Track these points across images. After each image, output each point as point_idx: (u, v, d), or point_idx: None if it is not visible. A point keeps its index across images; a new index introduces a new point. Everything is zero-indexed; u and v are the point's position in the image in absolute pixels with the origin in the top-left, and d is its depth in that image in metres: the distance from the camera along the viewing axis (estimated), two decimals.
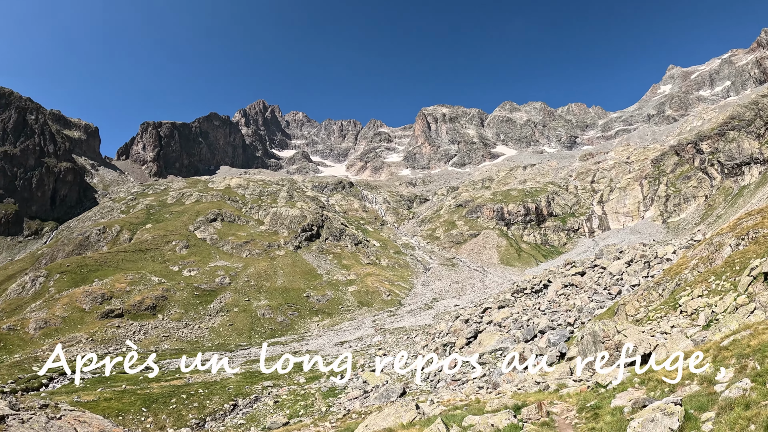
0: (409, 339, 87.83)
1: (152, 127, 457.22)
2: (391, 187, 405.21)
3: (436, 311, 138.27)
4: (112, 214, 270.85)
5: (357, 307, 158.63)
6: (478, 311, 74.87)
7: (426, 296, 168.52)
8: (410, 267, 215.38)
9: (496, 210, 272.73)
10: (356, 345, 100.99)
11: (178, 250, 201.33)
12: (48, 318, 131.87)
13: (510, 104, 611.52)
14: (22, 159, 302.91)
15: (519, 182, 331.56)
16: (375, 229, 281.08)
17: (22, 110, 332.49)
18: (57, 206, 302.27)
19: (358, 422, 33.51)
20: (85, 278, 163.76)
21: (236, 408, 60.88)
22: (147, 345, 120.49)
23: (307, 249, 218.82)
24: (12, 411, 18.34)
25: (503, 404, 25.87)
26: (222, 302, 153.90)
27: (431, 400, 35.51)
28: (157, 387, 70.43)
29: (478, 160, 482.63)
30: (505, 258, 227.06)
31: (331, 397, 57.13)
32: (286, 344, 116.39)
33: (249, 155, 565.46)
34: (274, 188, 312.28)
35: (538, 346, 41.01)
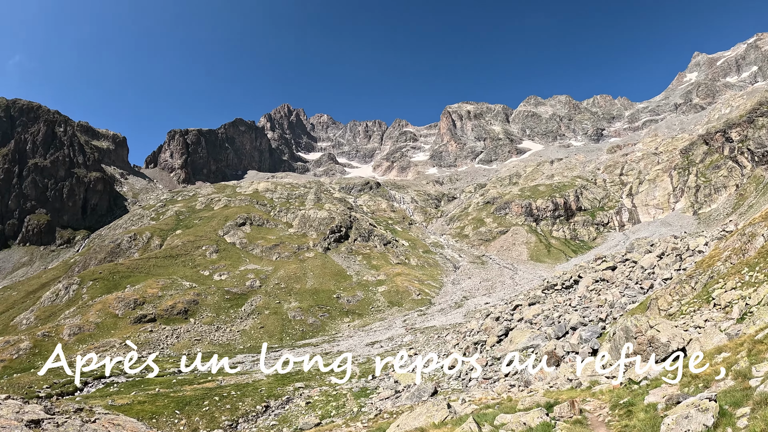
0: (440, 338, 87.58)
1: (179, 134, 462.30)
2: (419, 186, 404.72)
3: (467, 309, 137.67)
4: (142, 222, 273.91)
5: (387, 307, 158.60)
6: (508, 308, 74.49)
7: (456, 294, 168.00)
8: (440, 266, 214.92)
9: (525, 206, 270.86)
10: (387, 345, 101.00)
11: (209, 255, 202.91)
12: (82, 324, 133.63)
13: (535, 99, 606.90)
14: (52, 170, 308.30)
15: (546, 177, 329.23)
16: (403, 228, 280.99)
17: (51, 123, 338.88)
18: (88, 215, 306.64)
19: (390, 422, 33.47)
20: (117, 285, 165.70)
21: (268, 409, 61.17)
22: (179, 349, 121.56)
23: (336, 250, 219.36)
24: (47, 415, 18.58)
25: (535, 402, 25.66)
26: (253, 305, 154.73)
27: (463, 399, 35.36)
28: (190, 390, 71.04)
29: (505, 156, 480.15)
30: (535, 254, 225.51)
31: (363, 397, 57.12)
32: (317, 345, 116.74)
33: (275, 159, 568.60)
34: (301, 191, 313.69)
35: (570, 343, 40.65)
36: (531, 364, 41.34)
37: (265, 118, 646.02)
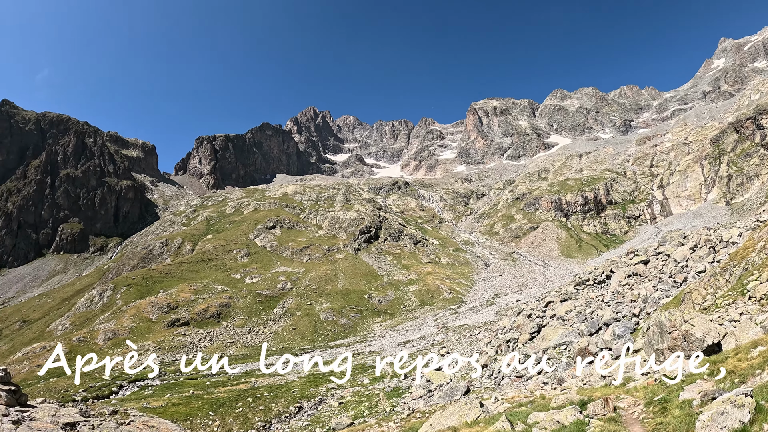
0: (471, 336, 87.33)
1: (207, 140, 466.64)
2: (447, 184, 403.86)
3: (498, 307, 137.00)
4: (173, 227, 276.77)
5: (418, 306, 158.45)
6: (540, 305, 73.99)
7: (487, 292, 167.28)
8: (470, 264, 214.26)
9: (554, 201, 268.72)
10: (419, 344, 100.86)
11: (240, 259, 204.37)
12: (116, 329, 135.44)
13: (561, 92, 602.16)
14: (83, 180, 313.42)
15: (575, 171, 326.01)
16: (433, 227, 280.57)
17: (81, 134, 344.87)
18: (120, 223, 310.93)
19: (422, 421, 33.41)
20: (150, 290, 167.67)
21: (301, 410, 61.47)
22: (212, 351, 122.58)
23: (366, 251, 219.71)
24: (82, 418, 18.82)
25: (569, 400, 25.46)
26: (284, 307, 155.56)
27: (495, 397, 35.19)
28: (224, 391, 71.61)
29: (533, 151, 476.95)
30: (566, 250, 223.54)
31: (395, 397, 57.12)
32: (349, 346, 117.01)
33: (303, 162, 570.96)
34: (330, 193, 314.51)
35: (603, 339, 40.24)
36: (564, 362, 41.11)
37: (291, 121, 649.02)
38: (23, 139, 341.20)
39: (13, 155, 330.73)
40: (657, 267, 65.48)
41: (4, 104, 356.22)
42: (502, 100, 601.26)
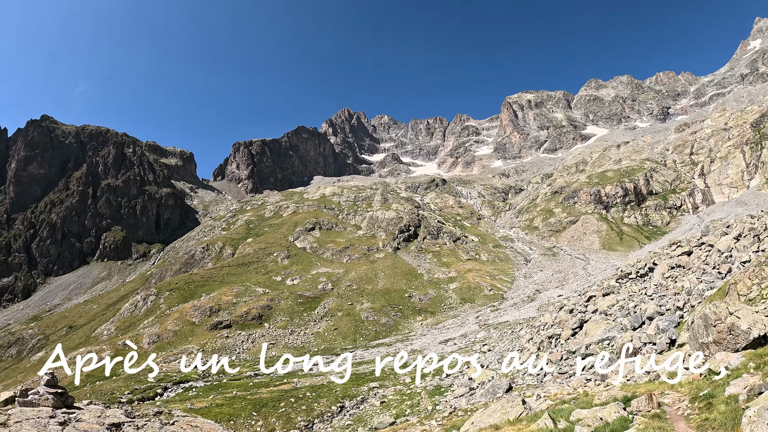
0: (513, 333, 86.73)
1: (243, 146, 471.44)
2: (484, 180, 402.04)
3: (540, 303, 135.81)
4: (213, 232, 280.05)
5: (459, 303, 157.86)
6: (582, 300, 73.13)
7: (528, 288, 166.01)
8: (510, 260, 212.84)
9: (593, 193, 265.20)
10: (460, 342, 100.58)
11: (280, 261, 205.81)
12: (160, 332, 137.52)
13: (595, 81, 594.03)
14: (124, 189, 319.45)
15: (614, 162, 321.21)
16: (472, 224, 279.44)
17: (120, 145, 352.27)
18: (161, 229, 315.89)
19: (464, 419, 33.27)
20: (193, 294, 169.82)
21: (343, 409, 61.64)
22: (255, 353, 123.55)
23: (405, 249, 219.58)
24: (127, 419, 19.13)
25: (612, 396, 25.17)
26: (326, 308, 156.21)
27: (538, 394, 34.92)
28: (267, 392, 72.12)
29: (570, 143, 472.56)
30: (607, 243, 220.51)
31: (437, 395, 57.00)
32: (390, 345, 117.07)
33: (340, 163, 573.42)
34: (368, 193, 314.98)
35: (647, 334, 39.64)
36: (607, 357, 40.63)
37: (326, 123, 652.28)
38: (64, 152, 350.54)
39: (55, 168, 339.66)
40: (700, 258, 64.32)
41: (44, 119, 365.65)
42: (536, 92, 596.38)
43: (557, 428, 21.79)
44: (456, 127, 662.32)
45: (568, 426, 21.89)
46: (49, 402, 18.58)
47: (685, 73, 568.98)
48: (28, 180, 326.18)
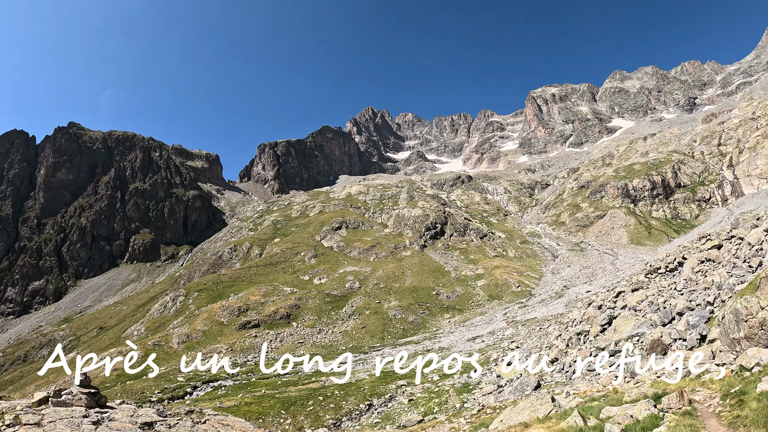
0: (541, 330, 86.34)
1: (269, 147, 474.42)
2: (510, 175, 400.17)
3: (568, 299, 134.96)
4: (241, 233, 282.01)
5: (487, 301, 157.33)
6: (611, 296, 72.44)
7: (556, 284, 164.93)
8: (538, 256, 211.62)
9: (621, 187, 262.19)
10: (488, 339, 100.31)
11: (307, 260, 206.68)
12: (189, 332, 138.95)
13: (620, 73, 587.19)
14: (152, 192, 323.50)
15: (641, 155, 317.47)
16: (499, 220, 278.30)
17: (147, 149, 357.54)
18: (189, 231, 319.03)
19: (493, 417, 33.17)
20: (221, 294, 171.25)
21: (371, 407, 61.79)
22: (283, 352, 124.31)
23: (432, 247, 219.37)
24: (159, 417, 19.33)
25: (642, 393, 24.94)
26: (353, 306, 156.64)
27: (567, 392, 34.72)
28: (295, 391, 72.48)
29: (595, 136, 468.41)
30: (635, 237, 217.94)
31: (465, 393, 56.85)
32: (418, 343, 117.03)
33: (365, 162, 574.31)
34: (393, 191, 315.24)
35: (677, 330, 39.14)
36: (636, 354, 40.28)
37: (350, 123, 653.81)
38: (92, 158, 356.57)
39: (83, 173, 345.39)
40: (730, 251, 63.39)
41: (71, 126, 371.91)
42: (560, 86, 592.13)
43: (587, 426, 21.63)
44: (480, 123, 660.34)
45: (598, 424, 21.73)
46: (82, 402, 18.84)
47: (711, 62, 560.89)
48: (57, 186, 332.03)
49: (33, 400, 19.13)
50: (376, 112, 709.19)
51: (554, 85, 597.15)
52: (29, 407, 18.40)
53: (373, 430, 53.13)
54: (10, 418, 16.54)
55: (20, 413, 17.28)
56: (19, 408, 18.08)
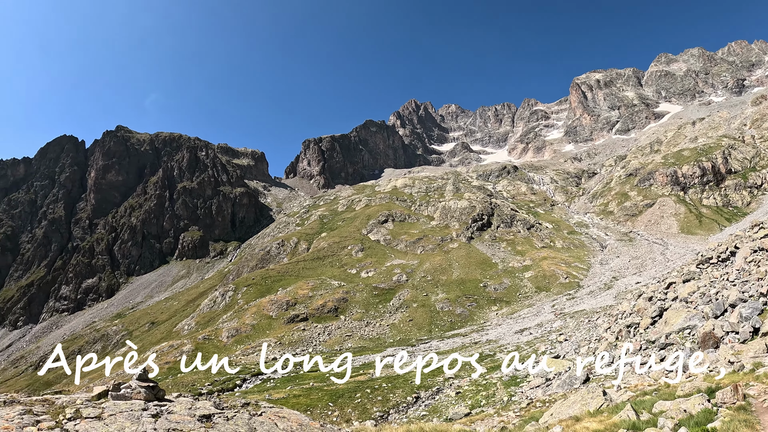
0: (590, 322, 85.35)
1: (313, 143, 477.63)
2: (556, 165, 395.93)
3: (617, 290, 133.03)
4: (288, 228, 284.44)
5: (534, 292, 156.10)
6: (661, 287, 71.18)
7: (605, 275, 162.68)
8: (586, 246, 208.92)
9: (669, 174, 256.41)
10: (536, 332, 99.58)
11: (354, 254, 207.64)
12: (239, 326, 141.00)
13: (665, 56, 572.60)
14: (199, 191, 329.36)
15: (689, 140, 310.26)
16: (545, 210, 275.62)
17: (193, 149, 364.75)
18: (237, 227, 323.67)
19: (543, 411, 33.07)
20: (269, 288, 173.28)
21: (419, 400, 61.89)
22: (331, 345, 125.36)
23: (479, 239, 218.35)
24: (217, 410, 19.66)
25: (695, 388, 24.67)
26: (400, 299, 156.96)
27: (618, 385, 34.44)
28: (343, 383, 73.01)
29: (642, 122, 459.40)
30: (685, 226, 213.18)
31: (513, 386, 56.57)
32: (465, 335, 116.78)
33: (410, 155, 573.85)
34: (439, 183, 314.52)
35: (729, 322, 38.43)
36: (688, 347, 39.71)
37: (394, 116, 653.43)
38: (140, 159, 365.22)
39: (132, 174, 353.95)
40: None
41: (119, 130, 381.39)
42: (604, 71, 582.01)
43: (640, 420, 21.49)
44: (524, 112, 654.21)
45: (651, 418, 21.58)
46: (141, 395, 19.29)
47: (759, 41, 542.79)
48: (107, 187, 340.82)
49: (92, 394, 19.64)
50: (419, 104, 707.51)
51: (598, 71, 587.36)
52: (89, 401, 18.87)
53: (420, 422, 53.36)
54: (71, 412, 17.01)
55: (81, 407, 17.73)
56: (79, 402, 18.56)
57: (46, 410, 17.27)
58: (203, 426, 17.62)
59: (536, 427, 25.73)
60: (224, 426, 18.17)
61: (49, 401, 18.52)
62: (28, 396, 20.31)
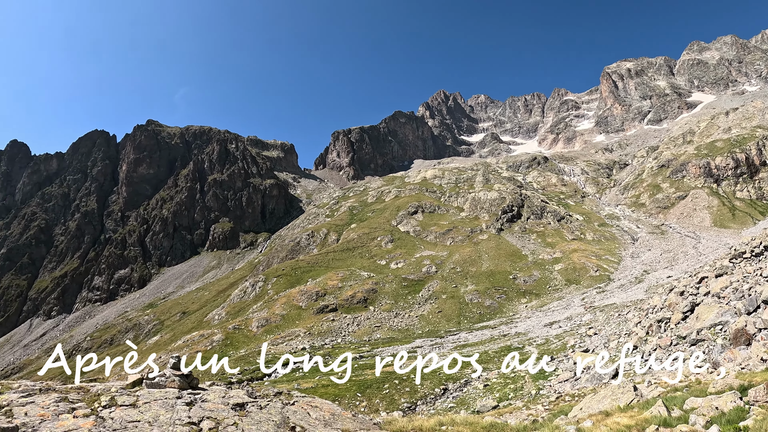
0: (620, 316, 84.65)
1: (342, 134, 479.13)
2: (587, 156, 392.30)
3: (648, 284, 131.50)
4: (318, 219, 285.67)
5: (564, 285, 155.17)
6: (693, 282, 70.37)
7: (636, 269, 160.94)
8: (617, 239, 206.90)
9: (702, 166, 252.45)
10: (565, 325, 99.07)
11: (384, 245, 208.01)
12: (268, 317, 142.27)
13: (697, 44, 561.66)
14: (230, 183, 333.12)
15: (723, 131, 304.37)
16: (576, 202, 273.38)
17: (223, 141, 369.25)
18: (267, 219, 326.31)
19: (572, 405, 33.12)
20: (299, 279, 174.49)
21: (446, 392, 61.99)
22: (360, 335, 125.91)
23: (509, 230, 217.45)
24: (250, 399, 19.98)
25: (727, 385, 24.54)
26: (430, 290, 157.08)
27: (648, 381, 34.38)
28: (371, 374, 73.31)
29: (675, 112, 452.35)
30: (718, 219, 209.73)
31: (541, 379, 56.46)
32: (494, 328, 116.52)
33: (439, 146, 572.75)
34: (469, 174, 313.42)
35: (762, 319, 37.94)
36: (719, 344, 39.38)
37: (423, 107, 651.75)
38: (171, 152, 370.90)
39: (163, 167, 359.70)
40: None
41: (149, 124, 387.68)
42: (635, 60, 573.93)
43: (671, 416, 21.47)
44: (554, 102, 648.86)
45: (682, 415, 21.55)
46: (175, 384, 19.69)
47: None
48: (138, 180, 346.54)
49: (127, 382, 20.10)
50: (449, 95, 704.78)
51: (629, 60, 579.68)
52: (124, 389, 19.33)
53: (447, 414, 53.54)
54: (107, 400, 17.42)
55: (116, 395, 18.17)
56: (114, 390, 18.99)
57: (82, 398, 17.71)
58: (237, 414, 17.97)
59: (566, 421, 25.75)
60: (257, 414, 18.50)
61: (84, 389, 18.95)
62: (63, 384, 20.80)
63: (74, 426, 15.08)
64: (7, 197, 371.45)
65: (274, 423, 17.96)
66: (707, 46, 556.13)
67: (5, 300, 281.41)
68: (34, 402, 16.59)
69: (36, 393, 17.77)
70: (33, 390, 18.06)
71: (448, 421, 23.37)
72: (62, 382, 22.37)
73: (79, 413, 16.07)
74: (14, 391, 17.74)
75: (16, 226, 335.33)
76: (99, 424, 15.43)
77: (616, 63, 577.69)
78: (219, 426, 16.64)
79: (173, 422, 16.30)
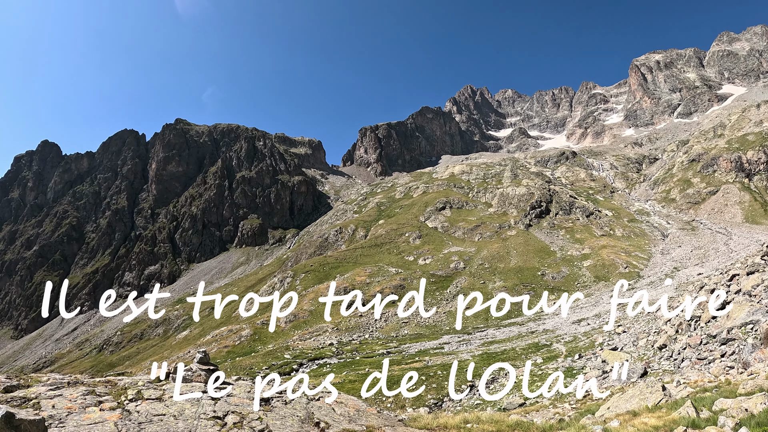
0: (649, 314, 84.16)
1: (370, 131, 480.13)
2: (616, 150, 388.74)
3: (678, 282, 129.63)
4: (346, 216, 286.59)
5: (593, 282, 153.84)
6: (724, 279, 69.43)
7: (666, 266, 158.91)
8: (646, 235, 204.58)
9: (734, 160, 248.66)
10: (594, 322, 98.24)
11: (412, 241, 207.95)
12: (297, 312, 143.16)
13: (727, 35, 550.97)
14: (258, 180, 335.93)
15: (755, 124, 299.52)
16: (605, 197, 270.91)
17: (251, 139, 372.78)
18: (295, 215, 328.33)
19: (599, 404, 32.92)
20: (327, 275, 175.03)
21: (473, 389, 61.73)
22: (388, 331, 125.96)
23: (537, 226, 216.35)
24: (276, 393, 20.28)
25: (757, 386, 24.29)
26: (458, 286, 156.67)
27: (677, 381, 34.02)
28: (398, 370, 73.30)
29: (705, 105, 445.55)
30: (750, 215, 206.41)
31: (569, 377, 55.94)
32: (522, 324, 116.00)
33: (467, 141, 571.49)
34: (497, 169, 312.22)
35: None
36: (750, 343, 38.92)
37: (450, 102, 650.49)
38: (199, 150, 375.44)
39: (192, 165, 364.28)
40: None
41: (178, 122, 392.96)
42: (664, 52, 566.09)
43: (700, 418, 21.30)
44: (582, 96, 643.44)
45: (711, 416, 21.36)
46: (201, 378, 20.01)
47: None
48: (168, 178, 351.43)
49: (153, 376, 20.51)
50: (475, 90, 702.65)
51: (658, 52, 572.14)
52: (150, 383, 19.71)
53: (473, 411, 53.49)
54: (133, 393, 17.80)
55: (142, 388, 18.53)
56: (141, 383, 19.36)
57: (109, 391, 18.10)
58: (261, 409, 18.23)
59: (593, 420, 25.67)
60: (283, 410, 18.73)
61: (111, 382, 19.35)
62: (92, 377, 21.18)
63: (100, 418, 15.42)
64: (39, 196, 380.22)
65: (298, 418, 18.18)
66: (737, 36, 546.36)
67: (37, 295, 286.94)
68: (62, 395, 17.00)
69: (64, 386, 18.18)
70: (61, 383, 18.46)
71: (473, 419, 23.39)
72: (91, 376, 22.80)
73: (105, 406, 16.44)
74: (43, 384, 18.16)
75: (48, 224, 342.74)
76: (125, 417, 15.77)
77: (645, 55, 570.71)
78: (243, 420, 16.90)
79: (198, 416, 16.59)
